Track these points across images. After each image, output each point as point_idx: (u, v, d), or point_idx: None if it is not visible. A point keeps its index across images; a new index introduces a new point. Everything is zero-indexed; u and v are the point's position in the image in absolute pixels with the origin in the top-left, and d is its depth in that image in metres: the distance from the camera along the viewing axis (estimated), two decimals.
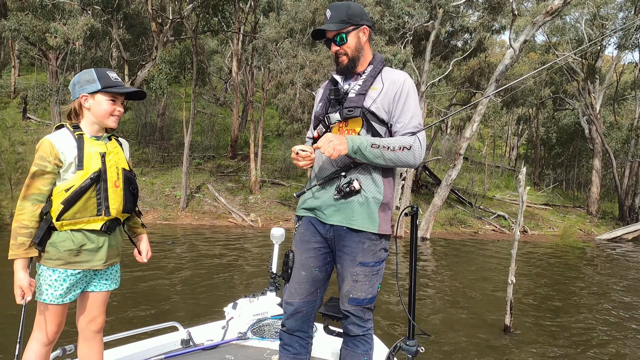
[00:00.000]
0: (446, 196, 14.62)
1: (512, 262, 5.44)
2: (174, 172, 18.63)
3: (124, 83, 2.32)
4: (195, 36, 14.86)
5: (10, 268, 2.16)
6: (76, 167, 2.15)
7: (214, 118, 26.68)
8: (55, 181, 2.16)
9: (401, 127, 2.20)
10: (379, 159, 2.13)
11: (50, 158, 2.12)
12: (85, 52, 15.96)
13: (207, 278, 8.38)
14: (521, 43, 11.45)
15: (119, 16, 15.94)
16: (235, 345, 3.21)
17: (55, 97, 15.40)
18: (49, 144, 2.14)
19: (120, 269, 2.48)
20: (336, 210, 2.20)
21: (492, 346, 5.75)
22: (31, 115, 23.53)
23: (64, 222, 2.15)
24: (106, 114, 2.23)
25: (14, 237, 2.09)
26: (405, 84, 2.24)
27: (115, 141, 2.34)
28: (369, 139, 2.13)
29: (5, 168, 11.89)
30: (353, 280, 2.19)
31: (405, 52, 11.33)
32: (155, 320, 3.38)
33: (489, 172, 25.46)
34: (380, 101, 2.19)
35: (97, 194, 2.19)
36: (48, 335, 2.25)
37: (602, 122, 22.47)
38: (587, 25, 20.72)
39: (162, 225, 14.99)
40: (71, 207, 2.13)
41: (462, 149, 13.32)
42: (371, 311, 2.31)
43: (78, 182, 2.14)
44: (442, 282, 9.53)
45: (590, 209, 21.68)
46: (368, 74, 2.26)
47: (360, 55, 2.27)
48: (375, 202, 2.19)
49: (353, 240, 2.19)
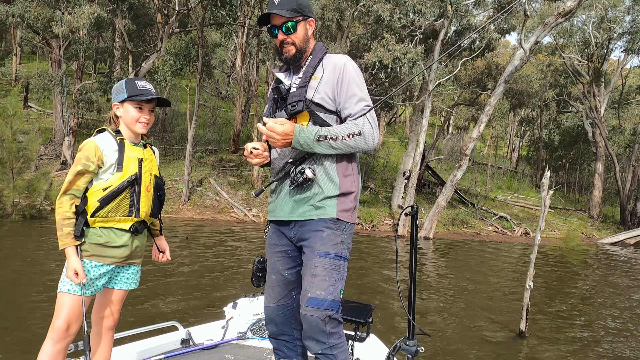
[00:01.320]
0: (450, 196, 14.55)
1: (530, 267, 5.38)
2: (175, 165, 18.51)
3: (152, 91, 2.42)
4: (202, 28, 14.71)
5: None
6: (115, 169, 2.30)
7: (216, 112, 26.55)
8: (93, 180, 2.31)
9: (349, 114, 2.11)
10: (329, 150, 2.06)
11: (94, 159, 2.27)
12: (89, 42, 15.78)
13: (208, 277, 8.34)
14: (532, 44, 11.35)
15: (124, 6, 15.76)
16: (235, 345, 3.20)
17: (59, 86, 15.24)
18: (95, 145, 2.29)
19: (140, 271, 2.56)
20: (294, 204, 2.12)
21: (508, 352, 5.68)
22: (32, 104, 23.36)
23: (97, 219, 2.29)
24: (133, 121, 2.37)
25: (60, 229, 2.23)
26: (346, 67, 2.13)
27: (150, 149, 2.50)
28: (316, 131, 2.04)
29: (7, 157, 11.75)
30: (311, 275, 2.02)
31: (415, 51, 11.22)
32: (155, 320, 3.38)
33: (491, 173, 25.41)
34: (323, 90, 2.10)
35: (131, 196, 2.34)
36: (68, 328, 2.27)
37: (605, 125, 22.42)
38: (594, 28, 20.63)
39: (164, 219, 14.90)
40: (106, 205, 2.28)
41: (468, 149, 13.25)
42: (339, 324, 2.04)
43: (116, 183, 2.29)
44: (449, 284, 9.48)
45: (592, 213, 21.67)
46: (308, 65, 2.17)
47: (307, 47, 2.19)
48: (333, 188, 2.10)
49: (312, 230, 2.08)
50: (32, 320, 5.42)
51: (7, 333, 5.07)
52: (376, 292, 8.20)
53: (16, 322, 5.39)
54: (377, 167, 23.27)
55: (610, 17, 19.99)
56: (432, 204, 19.39)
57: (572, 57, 21.47)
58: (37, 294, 6.39)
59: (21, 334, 5.07)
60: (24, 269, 7.65)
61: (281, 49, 2.17)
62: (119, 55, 18.09)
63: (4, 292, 6.51)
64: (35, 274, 7.46)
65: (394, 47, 11.30)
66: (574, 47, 21.81)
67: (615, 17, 20.11)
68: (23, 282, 7.00)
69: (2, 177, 11.77)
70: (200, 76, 15.68)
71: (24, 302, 6.07)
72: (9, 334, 5.04)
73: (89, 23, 12.93)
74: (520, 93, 18.36)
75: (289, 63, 2.19)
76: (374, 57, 11.45)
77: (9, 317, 5.53)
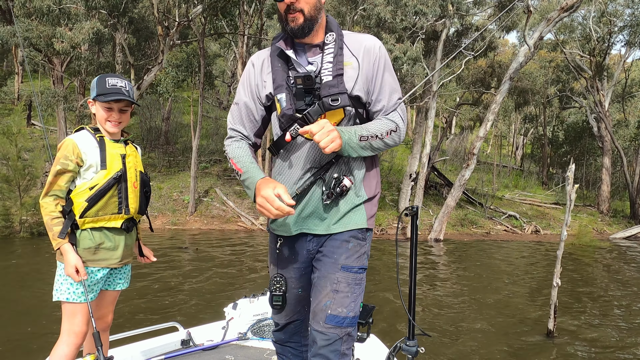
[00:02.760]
0: (459, 197, 14.43)
1: (557, 264, 5.25)
2: (180, 176, 18.46)
3: (123, 90, 2.31)
4: (203, 39, 14.72)
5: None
6: (99, 167, 2.25)
7: (218, 122, 26.56)
8: (75, 179, 2.26)
9: (383, 108, 1.84)
10: (367, 150, 1.80)
11: (73, 157, 2.21)
12: (91, 57, 15.82)
13: (208, 279, 8.30)
14: (535, 40, 11.27)
15: (124, 20, 15.80)
16: (235, 346, 3.20)
17: (63, 103, 15.26)
18: (72, 143, 2.23)
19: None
20: (320, 217, 1.84)
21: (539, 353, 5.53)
22: (35, 122, 23.41)
23: (86, 220, 2.24)
24: (102, 120, 2.32)
25: (50, 229, 2.18)
26: (382, 52, 1.84)
27: (132, 145, 2.46)
28: (355, 131, 1.75)
29: (13, 175, 11.72)
30: (333, 291, 1.80)
31: (415, 49, 11.14)
32: (156, 321, 3.37)
33: (497, 172, 25.26)
34: (361, 80, 1.78)
35: (119, 193, 2.29)
36: (76, 336, 2.26)
37: (610, 119, 22.29)
38: (594, 22, 20.57)
39: (171, 230, 14.82)
40: (95, 204, 2.23)
41: (475, 148, 13.15)
42: (353, 340, 1.89)
43: (102, 181, 2.24)
44: (469, 285, 9.34)
45: (601, 208, 21.47)
46: (335, 45, 1.77)
47: (319, 18, 1.78)
48: (362, 194, 1.86)
49: (337, 239, 1.84)
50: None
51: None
52: (377, 292, 8.16)
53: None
54: (382, 171, 23.18)
55: (610, 10, 19.93)
56: (440, 205, 19.24)
57: (573, 52, 21.39)
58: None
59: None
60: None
61: (286, 17, 1.75)
62: (120, 69, 18.13)
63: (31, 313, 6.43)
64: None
65: (393, 47, 11.23)
66: (574, 42, 21.75)
67: (615, 11, 20.05)
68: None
69: (10, 195, 11.73)
70: (202, 87, 15.67)
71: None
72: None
73: (88, 38, 12.94)
74: (525, 91, 18.25)
75: (296, 36, 1.77)
76: None
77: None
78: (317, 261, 1.89)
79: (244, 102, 1.89)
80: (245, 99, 1.89)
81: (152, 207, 16.06)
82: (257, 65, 1.89)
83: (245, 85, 1.89)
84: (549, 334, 5.93)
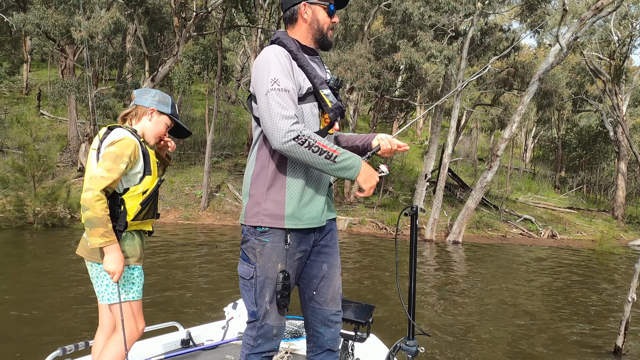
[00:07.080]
0: (480, 199, 14.16)
1: (634, 279, 4.96)
2: (192, 170, 18.20)
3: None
4: (221, 31, 14.43)
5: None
6: (143, 172, 2.29)
7: (229, 116, 26.29)
8: (122, 182, 2.26)
9: None
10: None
11: (133, 158, 2.24)
12: (106, 47, 15.53)
13: (208, 277, 8.16)
14: (568, 40, 10.98)
15: (140, 10, 15.52)
16: (235, 346, 3.20)
17: (76, 93, 14.99)
18: (135, 145, 2.25)
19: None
20: (330, 202, 2.07)
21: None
22: (44, 112, 23.13)
23: (135, 222, 2.27)
24: (154, 131, 2.42)
25: (104, 225, 2.11)
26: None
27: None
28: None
29: (28, 165, 11.44)
30: (339, 275, 2.08)
31: (451, 49, 10.85)
32: (155, 320, 3.30)
33: (509, 175, 25.00)
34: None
35: (156, 197, 2.37)
36: (139, 331, 2.35)
37: (628, 124, 21.99)
38: (615, 25, 20.25)
39: (184, 225, 14.56)
40: (145, 208, 2.29)
41: (499, 150, 12.87)
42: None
43: (151, 186, 2.31)
44: (503, 293, 9.08)
45: (616, 213, 21.20)
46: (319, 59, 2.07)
47: None
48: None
49: (332, 227, 2.06)
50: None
51: None
52: (378, 292, 8.05)
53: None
54: (394, 170, 22.92)
55: (633, 13, 19.61)
56: (454, 207, 18.97)
57: (592, 54, 21.08)
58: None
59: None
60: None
61: (325, 34, 2.01)
62: (134, 60, 17.84)
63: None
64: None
65: (429, 44, 10.95)
66: (593, 45, 21.43)
67: (637, 14, 19.72)
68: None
69: (24, 185, 11.47)
70: (219, 80, 15.39)
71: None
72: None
73: (108, 27, 12.66)
74: (550, 93, 17.95)
75: (327, 47, 2.06)
76: (403, 56, 11.11)
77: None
78: (321, 254, 2.01)
79: (293, 89, 1.86)
80: (292, 86, 1.87)
81: (165, 201, 15.79)
82: (288, 58, 1.93)
83: (286, 74, 1.88)
84: (616, 351, 5.62)
